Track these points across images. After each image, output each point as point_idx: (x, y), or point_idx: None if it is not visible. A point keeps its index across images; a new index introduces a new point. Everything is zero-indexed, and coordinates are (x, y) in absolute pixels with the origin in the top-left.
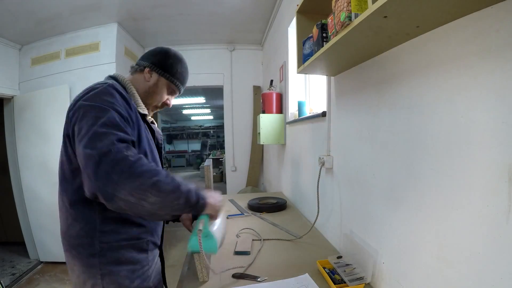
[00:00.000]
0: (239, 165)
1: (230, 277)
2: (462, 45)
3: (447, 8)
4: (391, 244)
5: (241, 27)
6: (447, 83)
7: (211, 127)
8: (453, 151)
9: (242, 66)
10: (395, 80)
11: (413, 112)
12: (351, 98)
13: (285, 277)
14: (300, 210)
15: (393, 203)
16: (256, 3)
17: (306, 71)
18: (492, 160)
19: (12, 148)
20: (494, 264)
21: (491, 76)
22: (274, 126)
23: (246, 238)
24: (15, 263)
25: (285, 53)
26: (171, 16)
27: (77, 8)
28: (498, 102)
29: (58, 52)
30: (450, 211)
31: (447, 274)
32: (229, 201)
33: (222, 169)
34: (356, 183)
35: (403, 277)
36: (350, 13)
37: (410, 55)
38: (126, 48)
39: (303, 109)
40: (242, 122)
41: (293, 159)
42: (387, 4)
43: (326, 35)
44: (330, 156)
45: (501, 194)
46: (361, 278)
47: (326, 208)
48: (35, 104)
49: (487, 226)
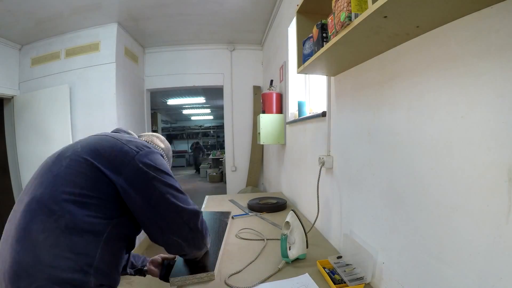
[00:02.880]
0: (239, 165)
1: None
2: (462, 45)
3: (447, 8)
4: (391, 244)
5: (241, 27)
6: (447, 83)
7: (211, 127)
8: (453, 151)
9: (242, 66)
10: (395, 80)
11: (413, 112)
12: (351, 98)
13: (285, 277)
14: (300, 210)
15: (393, 203)
16: (256, 3)
17: (306, 71)
18: (492, 160)
19: (12, 148)
20: (494, 264)
21: (491, 76)
22: (274, 126)
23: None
24: None
25: (285, 53)
26: (171, 16)
27: (77, 8)
28: (498, 102)
29: (58, 52)
30: (450, 211)
31: (447, 274)
32: (229, 201)
33: (222, 169)
34: (356, 183)
35: (403, 277)
36: (350, 13)
37: (410, 55)
38: (126, 48)
39: (303, 109)
40: (242, 122)
41: (293, 159)
42: (387, 4)
43: (326, 35)
44: (330, 156)
45: (501, 194)
46: (361, 278)
47: (326, 208)
48: (35, 104)
49: (487, 226)
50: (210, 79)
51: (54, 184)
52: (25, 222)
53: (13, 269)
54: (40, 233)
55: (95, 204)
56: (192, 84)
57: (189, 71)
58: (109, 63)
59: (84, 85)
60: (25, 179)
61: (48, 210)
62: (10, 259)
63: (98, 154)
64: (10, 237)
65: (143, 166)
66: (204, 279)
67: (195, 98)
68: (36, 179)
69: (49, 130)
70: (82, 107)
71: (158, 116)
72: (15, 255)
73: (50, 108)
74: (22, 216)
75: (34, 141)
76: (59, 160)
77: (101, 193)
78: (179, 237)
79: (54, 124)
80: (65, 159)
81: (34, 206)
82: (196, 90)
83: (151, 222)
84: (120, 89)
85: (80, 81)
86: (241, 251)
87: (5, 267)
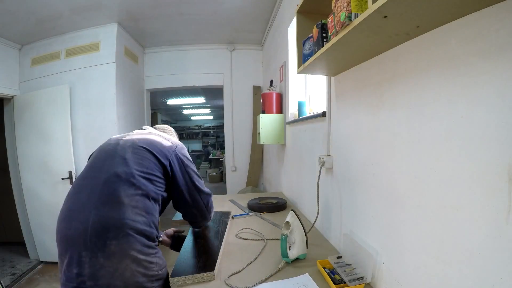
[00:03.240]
0: (239, 165)
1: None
2: (462, 45)
3: (447, 8)
4: (391, 244)
5: (241, 27)
6: (447, 83)
7: (211, 127)
8: (453, 151)
9: (242, 66)
10: (395, 80)
11: (413, 112)
12: (351, 98)
13: (285, 277)
14: (300, 210)
15: (393, 203)
16: (256, 3)
17: (306, 71)
18: (492, 160)
19: (12, 148)
20: (494, 264)
21: (491, 76)
22: (274, 126)
23: None
24: (15, 263)
25: (285, 53)
26: (171, 16)
27: (77, 8)
28: (498, 102)
29: (58, 52)
30: (450, 211)
31: (447, 274)
32: (229, 201)
33: (222, 169)
34: (356, 183)
35: (403, 277)
36: (350, 13)
37: (410, 55)
38: (126, 48)
39: (303, 109)
40: (242, 122)
41: (293, 159)
42: (387, 4)
43: (326, 35)
44: (330, 156)
45: (501, 194)
46: (361, 278)
47: (326, 208)
48: (35, 104)
49: (487, 226)
50: (210, 79)
51: (128, 164)
52: (110, 190)
53: (102, 224)
54: (126, 197)
55: (157, 180)
56: (192, 84)
57: (189, 71)
58: (109, 63)
59: (84, 85)
60: (25, 179)
61: (129, 182)
62: (96, 218)
63: (153, 146)
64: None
65: (181, 156)
66: (204, 279)
67: (195, 98)
68: (106, 161)
69: (49, 130)
70: (82, 107)
71: (158, 116)
72: (102, 214)
73: (50, 108)
74: (106, 186)
75: (34, 141)
76: (124, 149)
77: (159, 173)
78: (196, 209)
79: (54, 124)
80: (129, 147)
81: (116, 179)
82: (196, 90)
83: (181, 196)
84: (120, 89)
85: (80, 81)
86: (241, 251)
87: (88, 224)
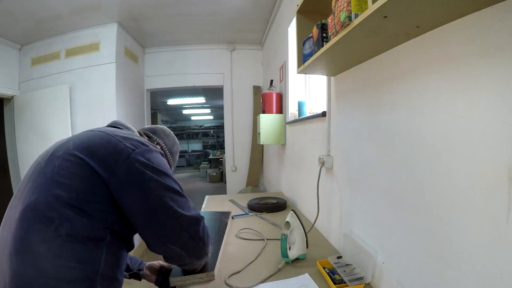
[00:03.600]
0: (239, 165)
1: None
2: (462, 45)
3: (447, 8)
4: (391, 244)
5: (241, 27)
6: (447, 83)
7: (211, 127)
8: (453, 151)
9: (242, 66)
10: (395, 80)
11: (413, 112)
12: (351, 98)
13: (285, 277)
14: (300, 210)
15: (393, 203)
16: (256, 3)
17: (306, 71)
18: (492, 160)
19: (12, 148)
20: (494, 264)
21: (491, 76)
22: (274, 126)
23: None
24: None
25: (285, 53)
26: (171, 16)
27: (77, 8)
28: (498, 102)
29: (58, 52)
30: (450, 211)
31: (447, 274)
32: (229, 201)
33: (222, 169)
34: (356, 183)
35: (403, 277)
36: (350, 13)
37: (410, 55)
38: (126, 48)
39: (303, 109)
40: (242, 122)
41: (293, 159)
42: (387, 4)
43: (326, 35)
44: (330, 156)
45: (501, 194)
46: (361, 278)
47: (326, 208)
48: (35, 104)
49: (487, 226)
50: (210, 79)
51: (48, 188)
52: (22, 232)
53: (15, 283)
54: (41, 244)
55: (94, 208)
56: (192, 84)
57: (189, 71)
58: (109, 63)
59: (84, 85)
60: None
61: (45, 218)
62: (10, 273)
63: (91, 152)
64: (7, 248)
65: (139, 165)
66: (204, 279)
67: (195, 98)
68: (29, 182)
69: (49, 130)
70: (82, 107)
71: (158, 116)
72: (15, 268)
73: (50, 108)
74: (18, 226)
75: (34, 141)
76: (51, 161)
77: (97, 196)
78: (178, 246)
79: (54, 124)
80: (57, 159)
81: (30, 214)
82: (196, 90)
83: (147, 229)
84: (120, 89)
85: (80, 81)
86: (241, 251)
87: (6, 281)
